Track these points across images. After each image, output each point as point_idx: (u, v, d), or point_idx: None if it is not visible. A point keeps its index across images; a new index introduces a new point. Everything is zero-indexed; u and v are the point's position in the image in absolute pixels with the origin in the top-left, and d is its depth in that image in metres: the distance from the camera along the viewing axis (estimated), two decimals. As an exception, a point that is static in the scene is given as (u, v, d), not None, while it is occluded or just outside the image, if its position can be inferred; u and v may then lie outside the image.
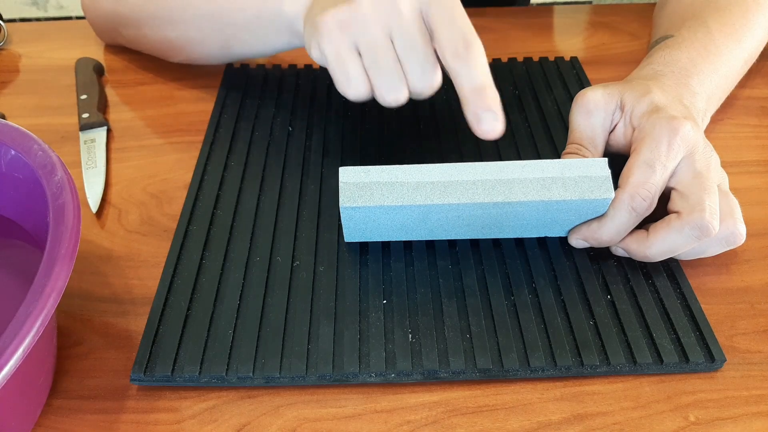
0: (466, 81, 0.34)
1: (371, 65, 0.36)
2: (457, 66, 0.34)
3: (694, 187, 0.35)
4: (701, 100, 0.41)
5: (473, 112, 0.34)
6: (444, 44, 0.35)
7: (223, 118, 0.50)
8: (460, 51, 0.34)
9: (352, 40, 0.36)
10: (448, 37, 0.35)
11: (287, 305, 0.36)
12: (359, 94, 0.37)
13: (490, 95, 0.34)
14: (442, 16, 0.35)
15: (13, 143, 0.35)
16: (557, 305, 0.36)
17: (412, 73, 0.36)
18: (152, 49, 0.55)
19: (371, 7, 0.35)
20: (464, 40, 0.34)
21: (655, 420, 0.32)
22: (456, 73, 0.35)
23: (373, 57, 0.36)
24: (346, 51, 0.36)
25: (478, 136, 0.34)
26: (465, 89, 0.34)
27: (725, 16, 0.46)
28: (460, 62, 0.34)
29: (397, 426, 0.32)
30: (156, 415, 0.32)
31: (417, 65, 0.36)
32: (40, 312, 0.26)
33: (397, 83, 0.36)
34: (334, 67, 0.37)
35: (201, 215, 0.41)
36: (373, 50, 0.36)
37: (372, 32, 0.35)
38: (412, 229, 0.38)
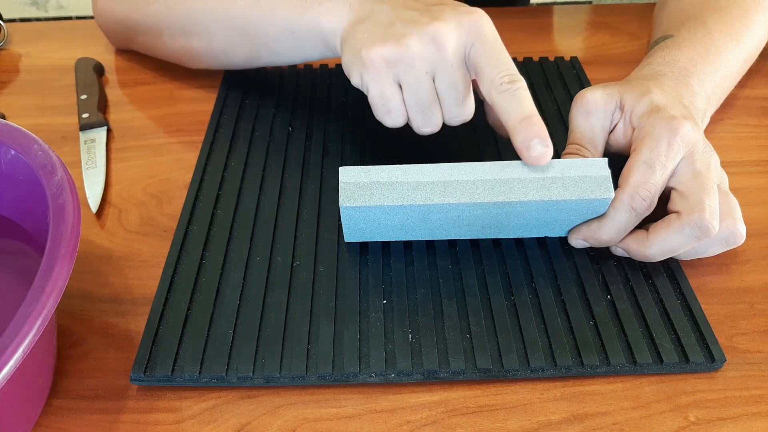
0: (515, 112, 0.35)
1: (412, 102, 0.38)
2: (504, 99, 0.36)
3: (694, 187, 0.35)
4: (701, 99, 0.41)
5: (523, 140, 0.35)
6: (490, 80, 0.36)
7: (223, 118, 0.50)
8: (506, 86, 0.36)
9: (396, 77, 0.37)
10: (494, 74, 0.36)
11: (287, 305, 0.36)
12: (396, 124, 0.40)
13: (537, 123, 0.35)
14: (488, 56, 0.37)
15: (13, 143, 0.35)
16: (557, 305, 0.36)
17: (448, 109, 0.38)
18: (170, 56, 0.54)
19: (419, 49, 0.36)
20: (509, 76, 0.36)
21: (655, 420, 0.32)
22: (502, 106, 0.36)
23: (415, 95, 0.38)
24: (389, 87, 0.38)
25: (528, 163, 0.35)
26: (512, 120, 0.36)
27: (725, 16, 0.46)
28: (508, 95, 0.36)
29: (397, 426, 0.32)
30: (156, 415, 0.32)
31: (454, 102, 0.38)
32: (40, 312, 0.26)
33: (433, 119, 0.39)
34: (376, 101, 0.38)
35: (201, 215, 0.41)
36: (416, 90, 0.37)
37: (417, 72, 0.37)
38: (412, 229, 0.38)
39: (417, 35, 0.36)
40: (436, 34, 0.36)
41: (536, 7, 0.67)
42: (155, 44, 0.53)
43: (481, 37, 0.37)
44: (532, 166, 0.36)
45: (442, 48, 0.36)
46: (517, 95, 0.36)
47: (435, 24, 0.36)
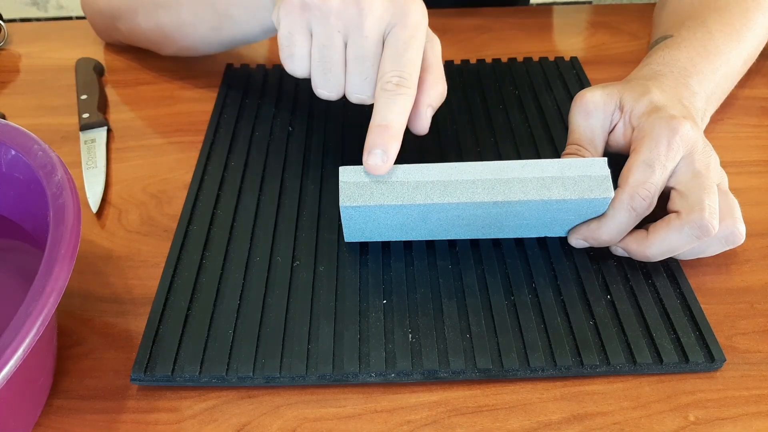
0: (379, 115, 0.35)
1: (316, 56, 0.37)
2: (381, 98, 0.35)
3: (694, 186, 0.35)
4: (701, 99, 0.41)
5: (369, 144, 0.35)
6: (381, 72, 0.36)
7: (223, 118, 0.50)
8: (391, 86, 0.35)
9: (308, 23, 0.37)
10: (388, 68, 0.35)
11: (287, 305, 0.36)
12: (297, 72, 0.38)
13: (389, 135, 0.35)
14: (394, 48, 0.36)
15: (13, 143, 0.35)
16: (557, 305, 0.36)
17: (351, 82, 0.37)
18: (147, 40, 0.54)
19: (338, 6, 0.35)
20: (399, 79, 0.35)
21: (655, 420, 0.32)
22: (376, 104, 0.35)
23: (320, 50, 0.37)
24: (299, 30, 0.37)
25: (365, 167, 0.35)
26: (374, 121, 0.35)
27: (725, 16, 0.46)
28: (386, 96, 0.35)
29: (397, 426, 0.32)
30: (156, 415, 0.32)
31: (358, 76, 0.37)
32: (40, 312, 0.26)
33: (334, 83, 0.38)
34: (283, 40, 0.38)
35: (201, 215, 0.42)
36: (323, 45, 0.37)
37: (329, 27, 0.36)
38: (412, 228, 0.38)
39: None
40: (361, 5, 0.35)
41: (536, 7, 0.67)
42: (133, 28, 0.54)
43: (404, 23, 0.35)
44: (531, 166, 0.36)
45: (362, 15, 0.35)
46: (391, 99, 0.35)
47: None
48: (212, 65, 0.56)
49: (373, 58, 0.36)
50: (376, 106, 0.35)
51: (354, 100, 0.38)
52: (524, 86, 0.52)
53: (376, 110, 0.35)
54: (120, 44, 0.60)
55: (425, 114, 0.38)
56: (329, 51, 0.37)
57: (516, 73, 0.54)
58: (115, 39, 0.59)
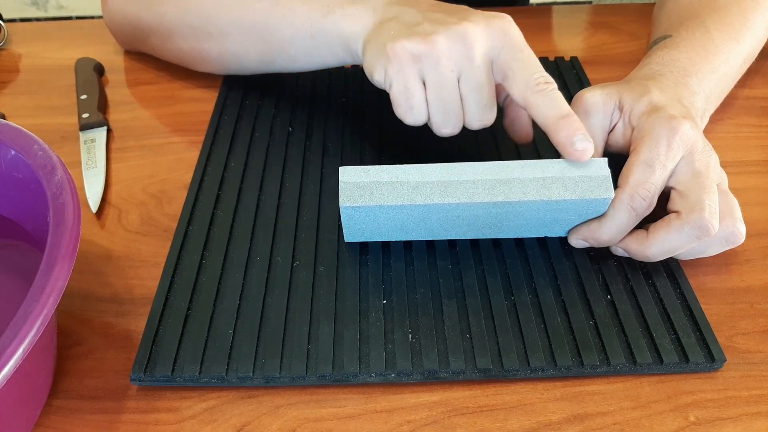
0: (554, 111, 0.36)
1: (434, 100, 0.38)
2: (541, 99, 0.36)
3: (694, 186, 0.35)
4: (700, 99, 0.41)
5: (566, 136, 0.35)
6: (524, 81, 0.36)
7: (223, 118, 0.50)
8: (542, 86, 0.36)
9: (421, 73, 0.37)
10: (527, 75, 0.36)
11: (287, 305, 0.36)
12: (417, 122, 0.39)
13: (576, 121, 0.35)
14: (520, 59, 0.37)
15: (13, 143, 0.35)
16: (557, 305, 0.36)
17: (470, 113, 0.38)
18: (180, 59, 0.53)
19: (446, 48, 0.36)
20: (543, 77, 0.36)
21: (655, 420, 0.32)
22: (539, 107, 0.36)
23: (439, 94, 0.37)
24: (414, 82, 0.37)
25: (572, 159, 0.35)
26: (551, 118, 0.36)
27: (724, 16, 0.46)
28: (544, 95, 0.36)
29: (397, 426, 0.32)
30: (156, 415, 0.32)
31: (477, 106, 0.38)
32: (40, 312, 0.26)
33: (455, 120, 0.38)
34: (399, 96, 0.38)
35: (201, 215, 0.41)
36: (440, 88, 0.37)
37: (442, 70, 0.37)
38: (412, 229, 0.38)
39: (445, 33, 0.36)
40: (465, 34, 0.36)
41: (536, 7, 0.67)
42: (165, 46, 0.53)
43: (509, 42, 0.37)
44: (531, 166, 0.36)
45: (470, 48, 0.36)
46: (553, 95, 0.36)
47: (464, 24, 0.36)
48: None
49: (488, 85, 0.38)
50: (539, 110, 0.36)
51: (477, 127, 0.39)
52: (524, 86, 0.52)
53: (544, 110, 0.36)
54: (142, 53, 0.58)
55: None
56: (446, 91, 0.37)
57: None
58: (138, 50, 0.57)
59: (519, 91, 0.37)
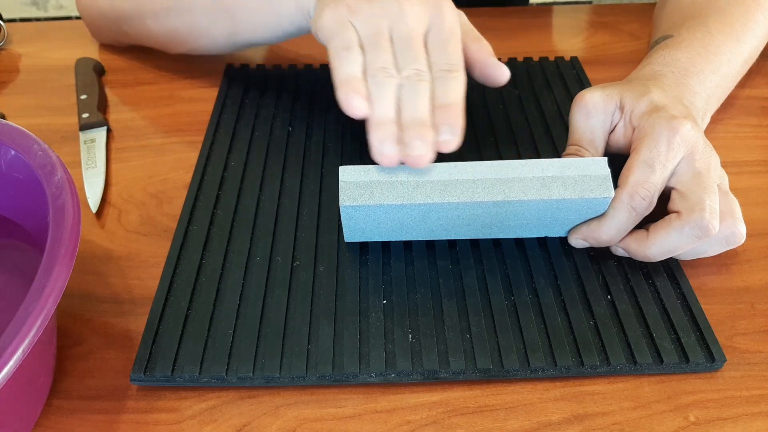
0: (437, 99, 0.36)
1: (367, 43, 0.37)
2: (434, 85, 0.36)
3: (694, 186, 0.35)
4: (701, 99, 0.41)
5: (436, 125, 0.35)
6: (431, 67, 0.37)
7: (223, 118, 0.50)
8: (441, 73, 0.36)
9: (354, 19, 0.37)
10: (435, 59, 0.37)
11: (287, 305, 0.36)
12: (352, 69, 0.36)
13: (453, 113, 0.35)
14: (438, 39, 0.37)
15: (13, 143, 0.35)
16: (557, 305, 0.36)
17: (403, 67, 0.37)
18: (155, 41, 0.54)
19: (380, 6, 0.37)
20: (448, 64, 0.36)
21: (655, 420, 0.32)
22: (434, 91, 0.36)
23: (371, 38, 0.37)
24: (347, 26, 0.37)
25: (438, 146, 0.35)
26: (435, 104, 0.36)
27: (725, 16, 0.46)
28: (438, 81, 0.36)
29: (397, 426, 0.32)
30: (156, 415, 0.32)
31: (407, 58, 0.37)
32: (40, 312, 0.26)
33: (390, 67, 0.37)
34: (333, 34, 0.37)
35: (201, 215, 0.41)
36: (373, 27, 0.37)
37: (376, 21, 0.37)
38: (412, 228, 0.38)
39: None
40: (402, 2, 0.37)
41: (536, 7, 0.67)
42: (140, 30, 0.53)
43: (439, 22, 0.37)
44: (531, 165, 0.36)
45: (404, 13, 0.37)
46: (447, 83, 0.36)
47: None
48: (212, 65, 0.56)
49: (419, 47, 0.37)
50: (433, 94, 0.36)
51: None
52: (524, 86, 0.52)
53: (435, 95, 0.36)
54: (118, 45, 0.59)
55: (494, 62, 0.40)
56: (379, 38, 0.37)
57: (516, 73, 0.54)
58: (114, 40, 0.59)
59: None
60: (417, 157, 0.34)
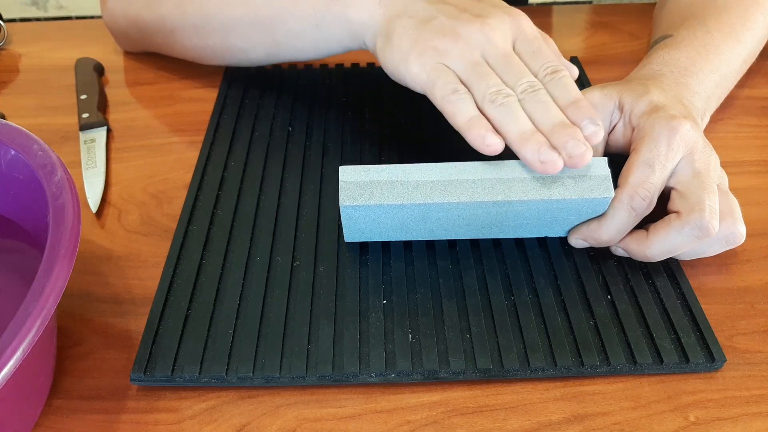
0: (560, 99, 0.36)
1: (470, 77, 0.37)
2: (550, 87, 0.36)
3: (694, 186, 0.35)
4: (700, 99, 0.41)
5: (573, 120, 0.35)
6: (535, 72, 0.37)
7: (223, 118, 0.50)
8: (548, 76, 0.37)
9: (446, 60, 0.38)
10: (536, 66, 0.37)
11: (287, 305, 0.36)
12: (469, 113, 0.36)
13: (585, 106, 0.36)
14: (530, 49, 0.38)
15: (13, 143, 0.35)
16: (557, 305, 0.36)
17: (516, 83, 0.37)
18: (184, 55, 0.53)
19: (469, 37, 0.37)
20: (552, 67, 0.37)
21: (655, 420, 0.32)
22: (550, 94, 0.36)
23: (471, 71, 0.37)
24: (444, 69, 0.37)
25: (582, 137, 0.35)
26: (560, 105, 0.36)
27: (724, 16, 0.46)
28: (551, 83, 0.36)
29: (397, 426, 0.32)
30: (156, 415, 0.32)
31: (513, 75, 0.37)
32: (40, 312, 0.26)
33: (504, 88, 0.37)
34: (444, 89, 0.37)
35: (201, 215, 0.41)
36: (469, 60, 0.37)
37: (471, 54, 0.37)
38: (412, 228, 0.38)
39: (464, 27, 0.37)
40: (483, 27, 0.37)
41: (536, 7, 0.67)
42: (168, 44, 0.53)
43: (522, 33, 0.39)
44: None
45: (490, 38, 0.37)
46: (561, 81, 0.36)
47: (481, 19, 0.38)
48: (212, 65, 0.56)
49: (518, 61, 0.38)
50: (551, 96, 0.36)
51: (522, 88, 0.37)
52: (524, 86, 0.52)
53: (555, 97, 0.36)
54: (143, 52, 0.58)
55: (566, 62, 0.40)
56: (480, 67, 0.37)
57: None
58: (139, 49, 0.57)
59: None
60: (579, 156, 0.34)
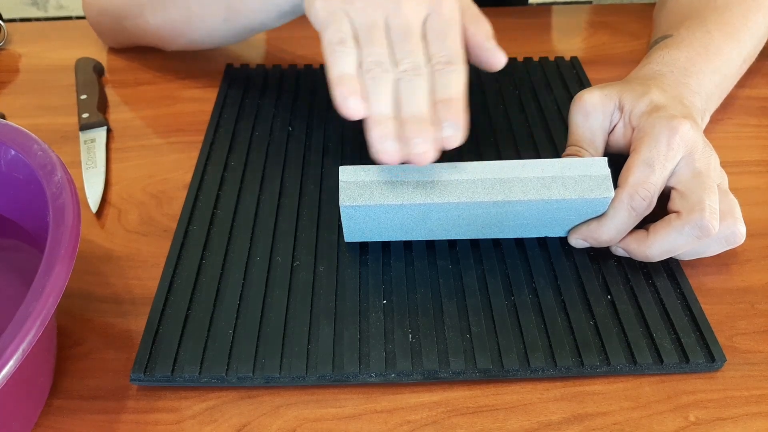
0: (437, 92, 0.35)
1: (362, 36, 0.35)
2: (434, 78, 0.35)
3: (694, 186, 0.35)
4: (700, 99, 0.41)
5: (437, 120, 0.34)
6: (429, 58, 0.35)
7: (223, 118, 0.50)
8: (439, 66, 0.35)
9: (348, 8, 0.36)
10: (434, 51, 0.35)
11: (287, 305, 0.36)
12: (347, 64, 0.35)
13: (454, 108, 0.34)
14: (437, 31, 0.36)
15: (13, 143, 0.35)
16: (557, 305, 0.36)
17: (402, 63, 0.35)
18: (154, 36, 0.54)
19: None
20: (446, 56, 0.35)
21: (655, 420, 0.32)
22: (433, 85, 0.35)
23: (365, 31, 0.35)
24: (341, 16, 0.36)
25: (441, 143, 0.34)
26: (436, 98, 0.35)
27: (724, 16, 0.46)
28: (437, 74, 0.35)
29: (397, 426, 0.32)
30: (156, 415, 0.32)
31: (403, 51, 0.35)
32: (40, 312, 0.26)
33: (386, 61, 0.35)
34: (328, 25, 0.36)
35: (201, 215, 0.41)
36: (368, 26, 0.36)
37: (371, 12, 0.36)
38: (412, 228, 0.38)
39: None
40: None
41: (536, 7, 0.67)
42: (139, 24, 0.53)
43: (438, 8, 0.36)
44: (531, 165, 0.36)
45: (400, 5, 0.35)
46: (447, 75, 0.35)
47: None
48: (212, 65, 0.56)
49: (417, 35, 0.36)
50: (433, 87, 0.35)
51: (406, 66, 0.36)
52: (524, 86, 0.52)
53: (435, 89, 0.35)
54: (124, 47, 0.59)
55: (491, 45, 0.38)
56: (374, 30, 0.35)
57: (516, 73, 0.54)
58: (119, 42, 0.58)
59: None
60: (419, 155, 0.33)
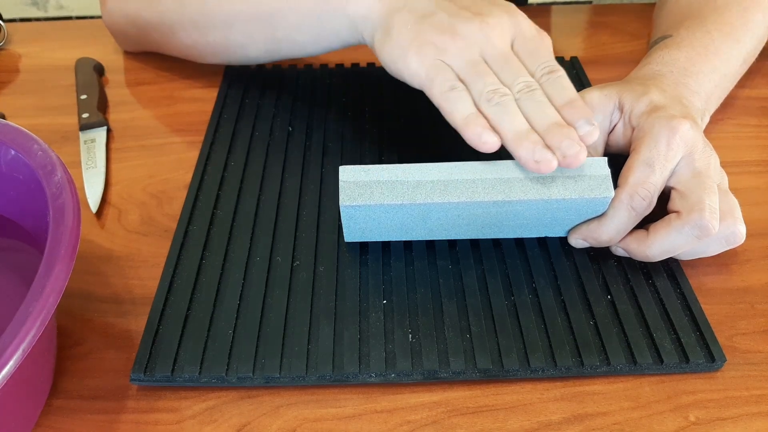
0: (555, 99, 0.36)
1: (468, 75, 0.37)
2: (547, 87, 0.36)
3: (694, 186, 0.35)
4: (700, 99, 0.41)
5: (568, 120, 0.35)
6: (531, 72, 0.37)
7: (223, 118, 0.50)
8: (545, 76, 0.37)
9: (444, 57, 0.38)
10: (533, 66, 0.37)
11: (287, 305, 0.36)
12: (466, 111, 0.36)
13: (581, 106, 0.36)
14: (528, 49, 0.38)
15: (13, 143, 0.35)
16: (557, 305, 0.36)
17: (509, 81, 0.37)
18: (184, 53, 0.53)
19: (468, 35, 0.38)
20: (548, 66, 0.37)
21: (655, 420, 0.32)
22: (546, 94, 0.36)
23: (469, 69, 0.37)
24: (442, 66, 0.37)
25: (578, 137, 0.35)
26: (556, 105, 0.36)
27: (724, 16, 0.46)
28: (548, 82, 0.37)
29: (397, 426, 0.32)
30: (156, 415, 0.32)
31: (510, 75, 0.37)
32: (40, 312, 0.26)
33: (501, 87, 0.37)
34: (442, 86, 0.37)
35: (201, 215, 0.41)
36: (469, 64, 0.37)
37: (470, 53, 0.37)
38: (412, 228, 0.38)
39: (463, 25, 0.37)
40: (482, 26, 0.37)
41: (536, 7, 0.67)
42: (168, 42, 0.53)
43: (521, 33, 0.39)
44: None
45: (489, 37, 0.37)
46: (558, 81, 0.36)
47: (480, 17, 0.38)
48: (212, 65, 0.56)
49: (515, 60, 0.38)
50: (547, 95, 0.36)
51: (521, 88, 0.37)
52: (524, 86, 0.52)
53: (551, 97, 0.36)
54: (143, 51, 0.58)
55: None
56: (477, 66, 0.37)
57: (516, 73, 0.54)
58: (139, 48, 0.57)
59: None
60: (573, 156, 0.34)
